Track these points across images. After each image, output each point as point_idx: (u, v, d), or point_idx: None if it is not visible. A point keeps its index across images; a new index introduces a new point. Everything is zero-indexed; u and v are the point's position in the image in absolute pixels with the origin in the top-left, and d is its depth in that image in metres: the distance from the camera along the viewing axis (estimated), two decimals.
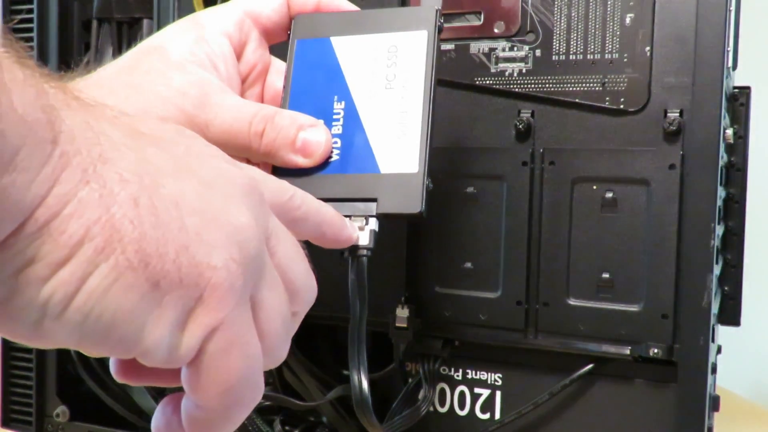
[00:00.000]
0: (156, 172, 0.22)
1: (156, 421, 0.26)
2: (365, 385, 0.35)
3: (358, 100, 0.35)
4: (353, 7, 0.38)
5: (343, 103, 0.35)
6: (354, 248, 0.33)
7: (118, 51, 0.58)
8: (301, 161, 0.34)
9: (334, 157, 0.34)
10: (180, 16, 0.55)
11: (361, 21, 0.37)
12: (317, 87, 0.36)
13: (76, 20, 0.59)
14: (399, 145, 0.34)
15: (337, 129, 0.35)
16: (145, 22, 0.57)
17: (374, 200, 0.33)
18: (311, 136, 0.34)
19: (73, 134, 0.20)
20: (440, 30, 0.36)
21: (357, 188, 0.34)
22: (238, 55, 0.36)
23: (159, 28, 0.56)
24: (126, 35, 0.58)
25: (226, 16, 0.35)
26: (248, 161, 0.37)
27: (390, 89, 0.35)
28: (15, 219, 0.19)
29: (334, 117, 0.35)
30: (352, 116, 0.35)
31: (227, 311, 0.22)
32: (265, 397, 0.50)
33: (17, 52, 0.20)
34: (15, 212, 0.19)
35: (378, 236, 0.34)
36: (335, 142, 0.35)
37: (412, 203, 0.33)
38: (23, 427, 0.60)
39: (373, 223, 0.33)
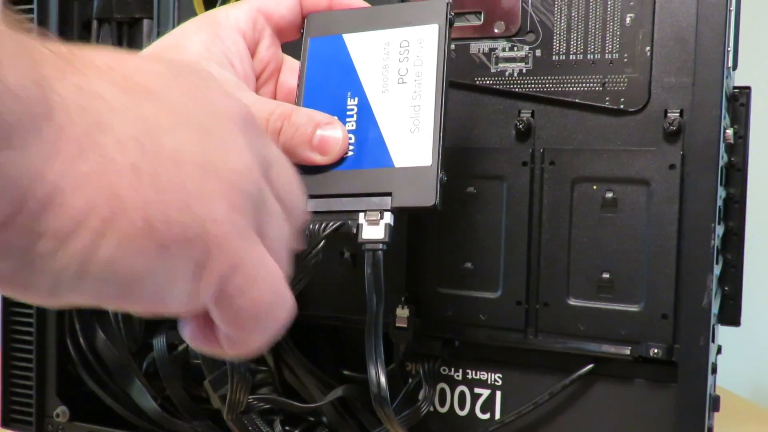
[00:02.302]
0: (154, 129, 0.22)
1: (189, 333, 0.26)
2: (383, 379, 0.34)
3: (371, 96, 0.35)
4: (365, 4, 0.38)
5: (356, 99, 0.35)
6: (369, 242, 0.33)
7: None
8: (319, 158, 0.34)
9: (349, 153, 0.35)
10: (180, 16, 0.55)
11: (373, 17, 0.37)
12: (331, 84, 0.36)
13: (76, 20, 0.59)
14: (412, 139, 0.34)
15: (351, 125, 0.35)
16: (145, 22, 0.57)
17: (389, 194, 0.34)
18: (328, 134, 0.34)
19: (67, 105, 0.20)
20: (452, 23, 0.36)
21: (372, 183, 0.34)
22: (252, 53, 0.36)
23: (159, 28, 0.56)
24: (126, 35, 0.58)
25: (240, 14, 0.35)
26: None
27: (402, 84, 0.35)
28: (14, 197, 0.19)
29: (348, 113, 0.35)
30: (365, 112, 0.35)
31: (237, 257, 0.23)
32: (265, 400, 0.50)
33: (9, 18, 0.19)
34: (13, 190, 0.19)
35: (393, 230, 0.34)
36: (349, 138, 0.35)
37: (426, 196, 0.33)
38: (23, 427, 0.60)
39: (389, 218, 0.33)
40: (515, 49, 0.46)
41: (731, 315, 0.56)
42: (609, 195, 0.44)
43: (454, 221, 0.47)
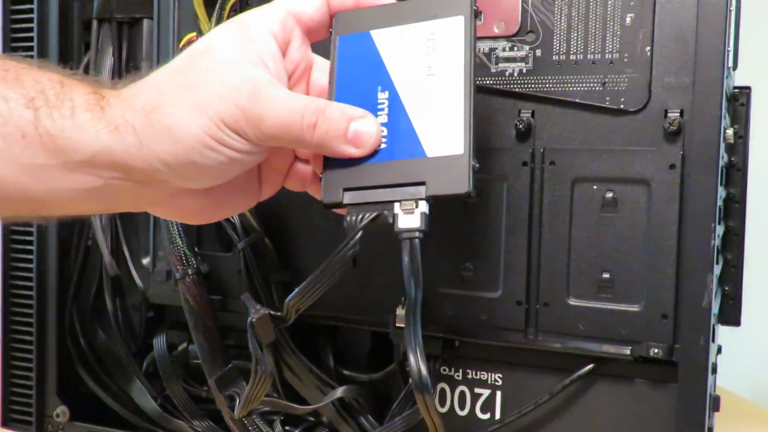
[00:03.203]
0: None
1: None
2: (423, 367, 0.34)
3: (401, 89, 0.36)
4: (390, 0, 0.39)
5: (386, 93, 0.36)
6: (406, 231, 0.34)
7: (118, 51, 0.58)
8: (353, 151, 0.35)
9: (382, 145, 0.35)
10: (180, 16, 0.55)
11: (399, 12, 0.37)
12: (361, 79, 0.37)
13: (76, 20, 0.59)
14: (443, 128, 0.35)
15: (383, 118, 0.36)
16: (145, 22, 0.57)
17: (423, 184, 0.34)
18: (362, 127, 0.35)
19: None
20: (476, 14, 0.36)
21: (406, 173, 0.34)
22: (283, 54, 0.37)
23: (159, 28, 0.56)
24: (126, 35, 0.58)
25: (270, 15, 0.36)
26: (296, 155, 0.39)
27: (431, 76, 0.36)
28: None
29: (379, 107, 0.36)
30: (396, 105, 0.36)
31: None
32: (265, 403, 0.50)
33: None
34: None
35: (429, 218, 0.34)
36: (382, 131, 0.35)
37: (460, 184, 0.34)
38: (23, 427, 0.60)
39: (424, 206, 0.34)
40: (515, 49, 0.46)
41: (731, 315, 0.56)
42: (609, 195, 0.44)
43: (455, 221, 0.47)
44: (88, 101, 0.33)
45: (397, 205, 0.34)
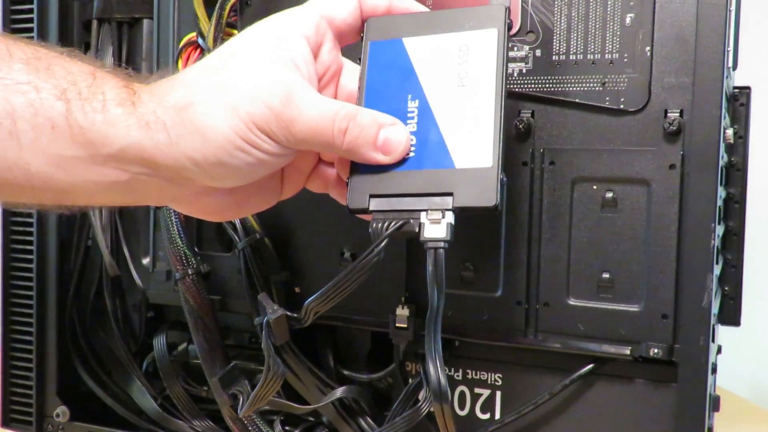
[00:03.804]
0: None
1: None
2: (443, 377, 0.34)
3: (431, 99, 0.36)
4: (423, 8, 0.39)
5: (417, 101, 0.36)
6: (431, 241, 0.34)
7: (118, 51, 0.58)
8: (382, 158, 0.35)
9: (410, 154, 0.35)
10: (180, 16, 0.55)
11: (432, 21, 0.37)
12: (391, 86, 0.37)
13: (76, 20, 0.59)
14: (473, 140, 0.35)
15: (412, 127, 0.36)
16: (145, 22, 0.57)
17: (450, 194, 0.34)
18: (392, 135, 0.35)
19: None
20: (510, 27, 0.36)
21: (433, 183, 0.35)
22: (315, 56, 0.37)
23: (159, 28, 0.56)
24: (126, 35, 0.58)
25: (303, 18, 0.36)
26: (319, 157, 0.39)
27: (462, 87, 0.36)
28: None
29: (409, 115, 0.36)
30: (426, 114, 0.36)
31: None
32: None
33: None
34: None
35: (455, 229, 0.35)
36: (411, 140, 0.35)
37: (488, 196, 0.34)
38: (23, 427, 0.60)
39: (450, 217, 0.34)
40: (515, 49, 0.46)
41: (731, 315, 0.56)
42: (609, 195, 0.44)
43: (454, 221, 0.47)
44: (119, 95, 0.33)
45: (423, 215, 0.34)
